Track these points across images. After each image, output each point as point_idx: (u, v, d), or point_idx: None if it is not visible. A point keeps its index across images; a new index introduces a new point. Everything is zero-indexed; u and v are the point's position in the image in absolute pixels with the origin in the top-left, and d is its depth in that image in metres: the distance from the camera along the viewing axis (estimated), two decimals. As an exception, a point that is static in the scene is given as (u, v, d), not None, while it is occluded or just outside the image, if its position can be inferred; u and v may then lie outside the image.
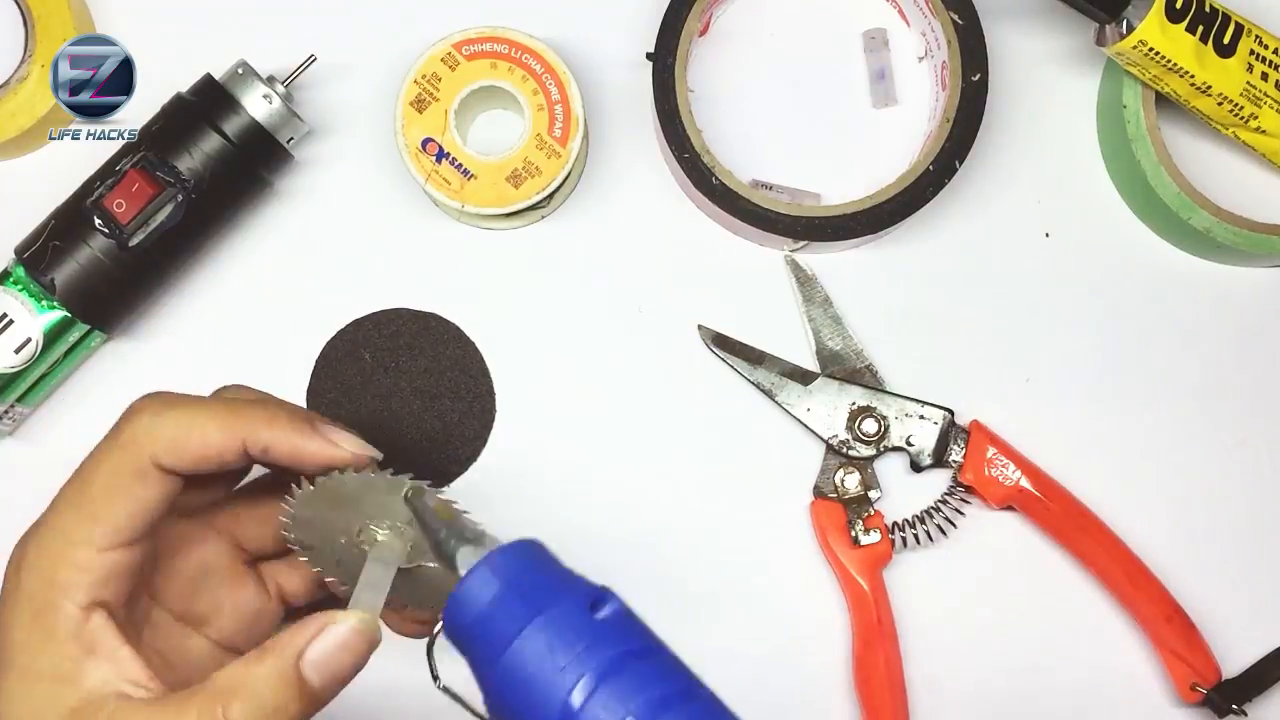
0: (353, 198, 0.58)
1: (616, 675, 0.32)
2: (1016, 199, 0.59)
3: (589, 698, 0.32)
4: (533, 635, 0.33)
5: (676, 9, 0.55)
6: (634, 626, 0.34)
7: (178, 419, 0.41)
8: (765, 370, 0.57)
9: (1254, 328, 0.58)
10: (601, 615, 0.34)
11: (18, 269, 0.54)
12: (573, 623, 0.33)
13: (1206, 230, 0.55)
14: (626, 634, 0.34)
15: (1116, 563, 0.55)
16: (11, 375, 0.54)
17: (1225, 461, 0.57)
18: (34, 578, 0.40)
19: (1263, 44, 0.53)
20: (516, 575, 0.35)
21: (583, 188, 0.59)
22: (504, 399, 0.57)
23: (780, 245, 0.57)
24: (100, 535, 0.40)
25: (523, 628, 0.33)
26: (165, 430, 0.40)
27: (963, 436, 0.56)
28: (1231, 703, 0.54)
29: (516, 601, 0.34)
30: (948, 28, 0.55)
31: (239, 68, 0.54)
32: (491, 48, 0.55)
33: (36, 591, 0.40)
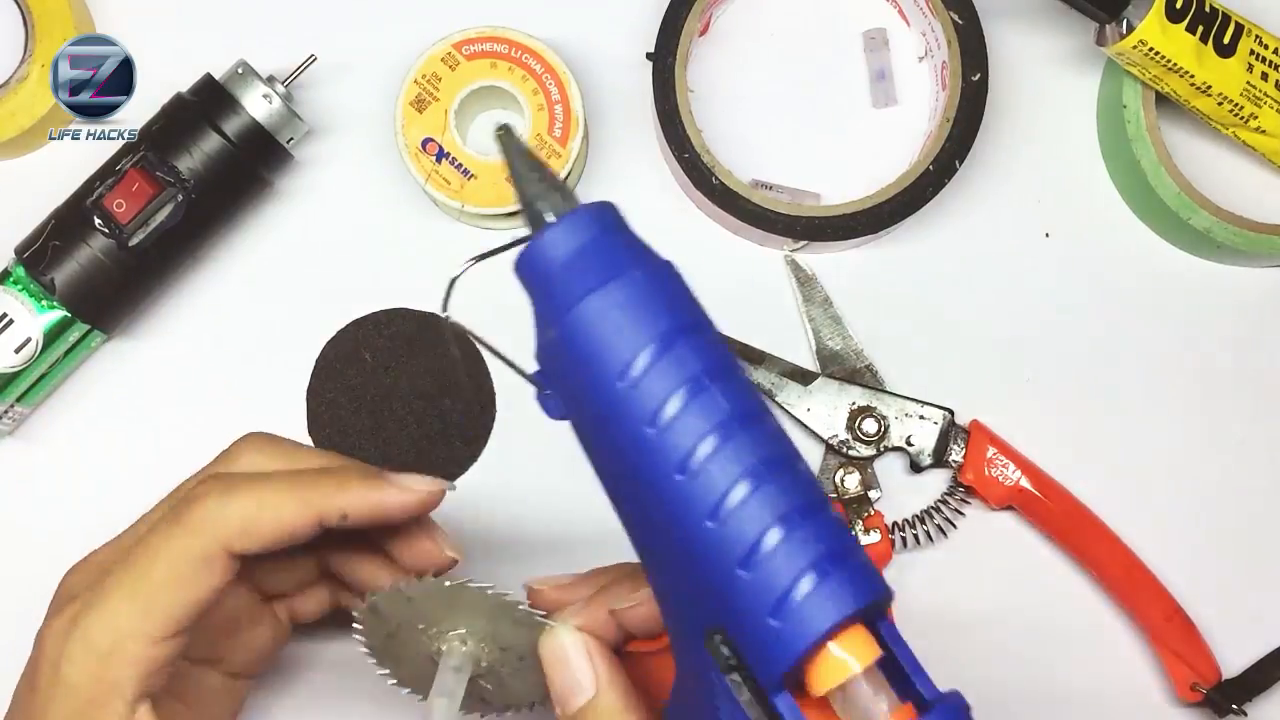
0: (353, 198, 0.58)
1: (685, 338, 0.33)
2: (1016, 199, 0.59)
3: (660, 355, 0.32)
4: (613, 290, 0.33)
5: (676, 9, 0.55)
6: (697, 307, 0.35)
7: (248, 500, 0.39)
8: (765, 370, 0.57)
9: (1254, 328, 0.58)
10: (677, 287, 0.35)
11: (18, 269, 0.54)
12: (657, 287, 0.34)
13: (1206, 230, 0.55)
14: (694, 309, 0.35)
15: (1116, 562, 0.55)
16: (11, 375, 0.54)
17: (1225, 461, 0.57)
18: (79, 673, 0.38)
19: (1263, 44, 0.53)
20: (603, 233, 0.35)
21: (583, 188, 0.59)
22: (504, 399, 0.57)
23: (780, 245, 0.57)
24: (157, 627, 0.38)
25: (606, 280, 0.33)
26: (236, 513, 0.39)
27: (963, 436, 0.56)
28: (1231, 703, 0.54)
29: (603, 256, 0.34)
30: (948, 28, 0.55)
31: (239, 68, 0.54)
32: (491, 48, 0.55)
33: (82, 688, 0.38)
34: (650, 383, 0.32)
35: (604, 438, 0.34)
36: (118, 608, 0.38)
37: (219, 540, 0.39)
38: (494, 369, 0.58)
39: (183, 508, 0.39)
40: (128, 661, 0.38)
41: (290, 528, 0.39)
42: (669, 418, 0.31)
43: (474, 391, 0.57)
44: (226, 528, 0.39)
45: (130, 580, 0.39)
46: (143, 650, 0.38)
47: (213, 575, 0.39)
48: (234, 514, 0.39)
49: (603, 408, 0.33)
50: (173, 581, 0.38)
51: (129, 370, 0.58)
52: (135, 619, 0.38)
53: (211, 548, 0.39)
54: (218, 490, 0.40)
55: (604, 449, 0.35)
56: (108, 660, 0.38)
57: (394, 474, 0.41)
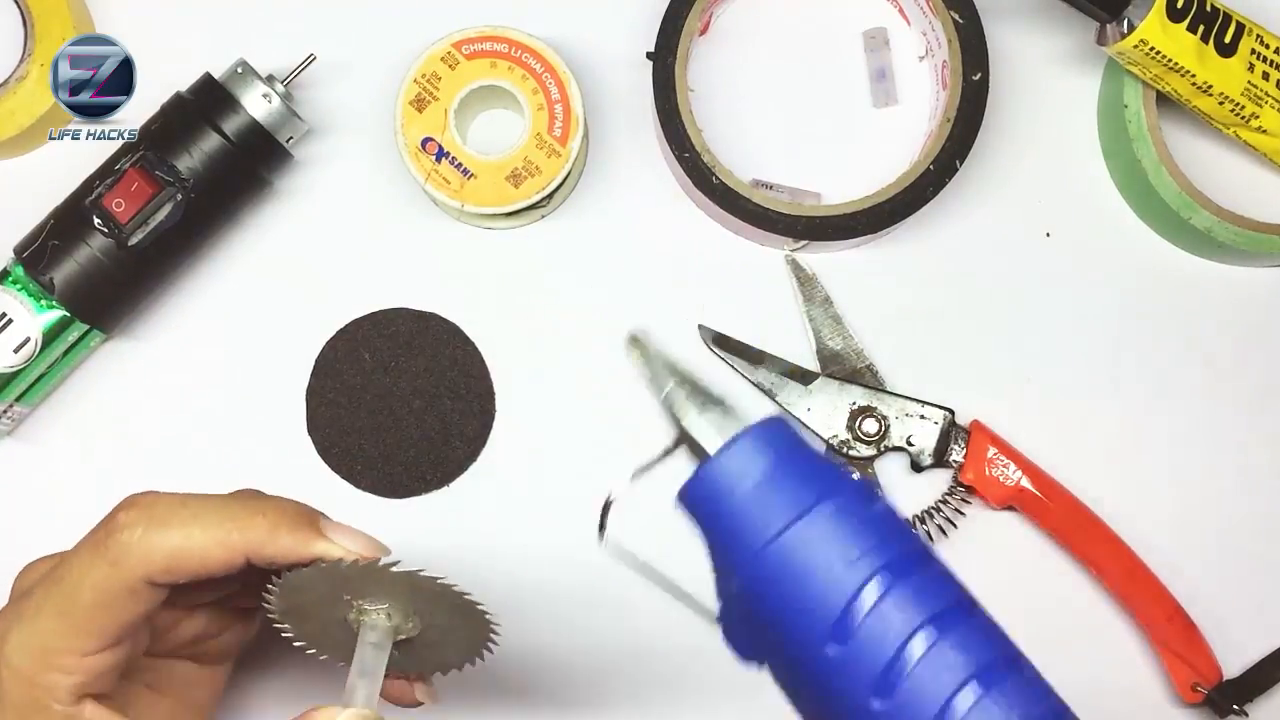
0: (353, 197, 0.58)
1: (908, 576, 0.28)
2: (1016, 199, 0.59)
3: (883, 596, 0.28)
4: (817, 522, 0.28)
5: (676, 9, 0.55)
6: (908, 528, 0.30)
7: (173, 537, 0.39)
8: (765, 370, 0.57)
9: (1254, 328, 0.58)
10: (880, 510, 0.30)
11: (17, 268, 0.54)
12: (859, 513, 0.29)
13: (1207, 230, 0.55)
14: (907, 534, 0.30)
15: (1117, 562, 0.55)
16: (10, 374, 0.54)
17: (1226, 461, 0.57)
18: (16, 681, 0.39)
19: (1264, 43, 0.53)
20: (787, 453, 0.30)
21: (583, 187, 0.59)
22: (504, 399, 0.57)
23: (780, 245, 0.57)
24: (86, 644, 0.39)
25: (803, 513, 0.29)
26: (160, 550, 0.39)
27: (963, 436, 0.56)
28: (1232, 703, 0.54)
29: (793, 482, 0.29)
30: (948, 27, 0.55)
31: (239, 67, 0.54)
32: (491, 47, 0.55)
33: (21, 694, 0.39)
34: (871, 643, 0.27)
35: (812, 700, 0.29)
36: (47, 622, 0.39)
37: (140, 574, 0.39)
38: (494, 369, 0.57)
39: (110, 533, 0.39)
40: (61, 671, 0.39)
41: (215, 568, 0.39)
42: (906, 690, 0.27)
43: (474, 391, 0.57)
44: (148, 564, 0.39)
45: (58, 598, 0.40)
46: (75, 662, 0.39)
47: (137, 603, 0.39)
48: (158, 551, 0.39)
49: (811, 668, 0.28)
50: (98, 608, 0.39)
51: (129, 370, 0.58)
52: (63, 636, 0.39)
53: (133, 580, 0.39)
54: (144, 522, 0.39)
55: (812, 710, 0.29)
56: (39, 668, 0.39)
57: (331, 526, 0.41)
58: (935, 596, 0.28)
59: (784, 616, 0.28)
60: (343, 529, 0.41)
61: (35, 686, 0.39)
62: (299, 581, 0.40)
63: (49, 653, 0.39)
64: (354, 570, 0.39)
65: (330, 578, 0.40)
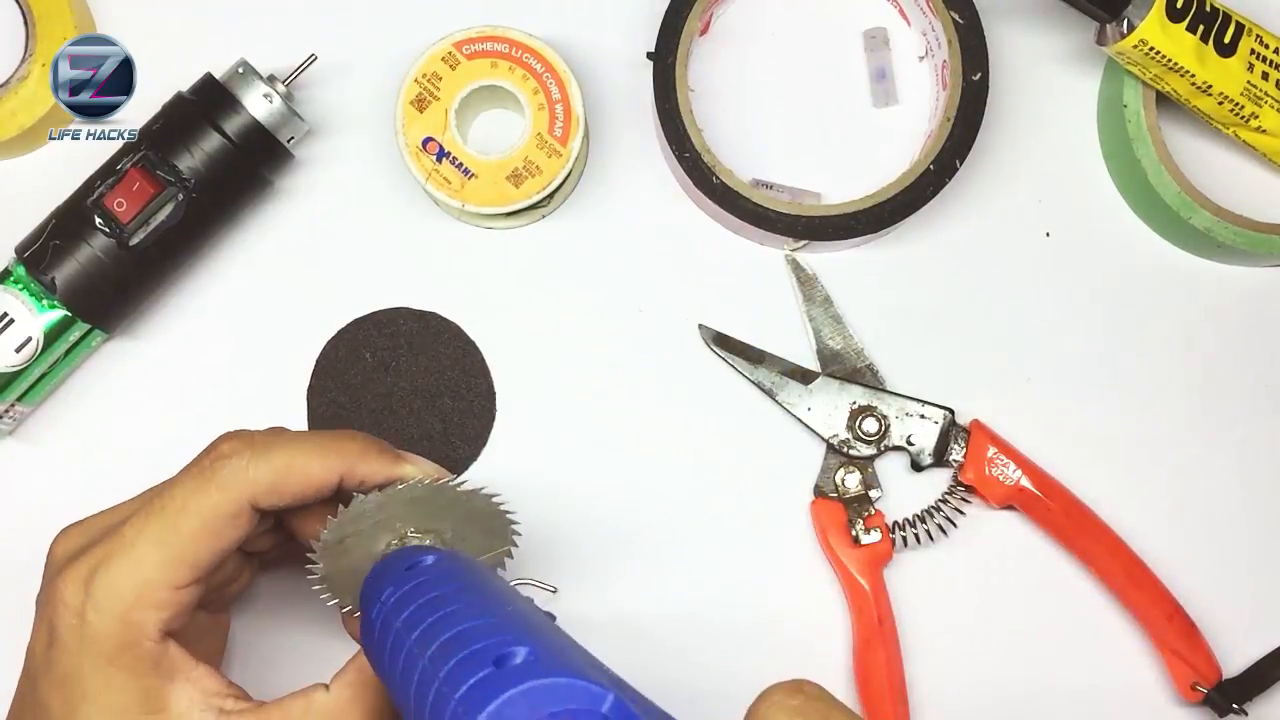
0: (353, 197, 0.58)
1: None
2: (1016, 199, 0.59)
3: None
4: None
5: (677, 9, 0.55)
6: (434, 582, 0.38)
7: (278, 460, 0.41)
8: (765, 370, 0.57)
9: (1254, 328, 0.58)
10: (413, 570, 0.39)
11: (18, 268, 0.54)
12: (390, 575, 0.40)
13: (1206, 230, 0.55)
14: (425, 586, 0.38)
15: (1117, 562, 0.55)
16: (12, 374, 0.54)
17: (1225, 461, 0.57)
18: (107, 619, 0.40)
19: (1263, 43, 0.53)
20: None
21: (583, 187, 0.59)
22: (504, 399, 0.57)
23: (780, 245, 0.57)
24: (182, 575, 0.40)
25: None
26: (266, 472, 0.41)
27: (963, 436, 0.56)
28: (1232, 702, 0.54)
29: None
30: (948, 27, 0.55)
31: (239, 67, 0.54)
32: (492, 47, 0.55)
33: (111, 633, 0.40)
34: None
35: None
36: (144, 555, 0.40)
37: (248, 497, 0.41)
38: (494, 369, 0.58)
39: (214, 461, 0.41)
40: (153, 605, 0.40)
41: (315, 488, 0.42)
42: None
43: (474, 391, 0.57)
44: (256, 485, 0.41)
45: (157, 530, 0.41)
46: (168, 595, 0.40)
47: (238, 529, 0.41)
48: (264, 473, 0.41)
49: None
50: (201, 534, 0.40)
51: (129, 370, 0.58)
52: (161, 567, 0.40)
53: (240, 504, 0.41)
54: (249, 449, 0.42)
55: None
56: (135, 605, 0.40)
57: (404, 453, 0.44)
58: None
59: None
60: (416, 456, 0.44)
61: (128, 625, 0.40)
62: (364, 508, 0.42)
63: (146, 585, 0.40)
64: (424, 491, 0.42)
65: (396, 502, 0.42)
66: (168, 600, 0.40)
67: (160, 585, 0.40)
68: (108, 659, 0.40)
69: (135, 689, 0.40)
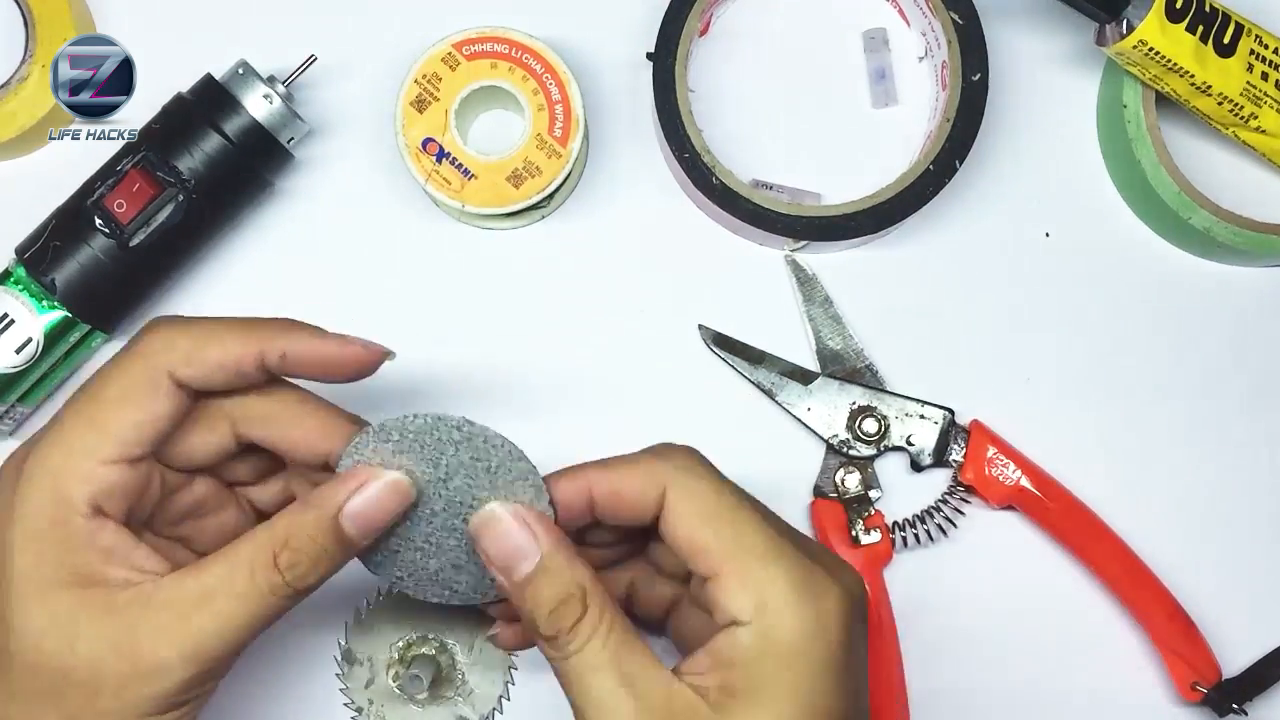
0: (353, 197, 0.58)
1: None
2: (1016, 199, 0.59)
3: None
4: None
5: (676, 9, 0.55)
6: None
7: (196, 331, 0.42)
8: (765, 370, 0.57)
9: (1254, 328, 0.58)
10: None
11: (18, 269, 0.54)
12: None
13: (1206, 230, 0.55)
14: None
15: (1117, 562, 0.55)
16: (12, 375, 0.54)
17: (1225, 461, 0.57)
18: (38, 493, 0.40)
19: (1263, 44, 0.53)
20: None
21: (583, 188, 0.59)
22: (505, 398, 0.57)
23: (780, 245, 0.57)
24: (107, 447, 0.40)
25: None
26: (183, 341, 0.41)
27: (963, 436, 0.56)
28: (1232, 702, 0.54)
29: None
30: (948, 27, 0.55)
31: (239, 68, 0.54)
32: (492, 48, 0.55)
33: (43, 509, 0.40)
34: None
35: None
36: (70, 430, 0.41)
37: (165, 364, 0.41)
38: (495, 368, 0.57)
39: (138, 335, 0.42)
40: (80, 478, 0.40)
41: (234, 359, 0.42)
42: None
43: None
44: (171, 354, 0.41)
45: (83, 402, 0.41)
46: (93, 468, 0.40)
47: (157, 400, 0.41)
48: (181, 342, 0.41)
49: None
50: (121, 403, 0.41)
51: (129, 370, 0.58)
52: (85, 437, 0.40)
53: (156, 371, 0.41)
54: (169, 323, 0.42)
55: None
56: (61, 477, 0.40)
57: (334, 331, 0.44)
58: None
59: None
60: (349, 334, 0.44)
61: (58, 501, 0.40)
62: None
63: (71, 456, 0.40)
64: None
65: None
66: (94, 474, 0.40)
67: (85, 456, 0.40)
68: (37, 534, 0.39)
69: (65, 564, 0.39)
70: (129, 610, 0.39)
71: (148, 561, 0.41)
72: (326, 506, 0.41)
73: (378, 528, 0.42)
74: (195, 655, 0.39)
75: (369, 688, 0.55)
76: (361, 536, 0.41)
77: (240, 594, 0.40)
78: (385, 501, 0.41)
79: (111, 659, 0.39)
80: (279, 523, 0.41)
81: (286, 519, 0.41)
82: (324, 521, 0.41)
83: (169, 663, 0.39)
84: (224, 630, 0.40)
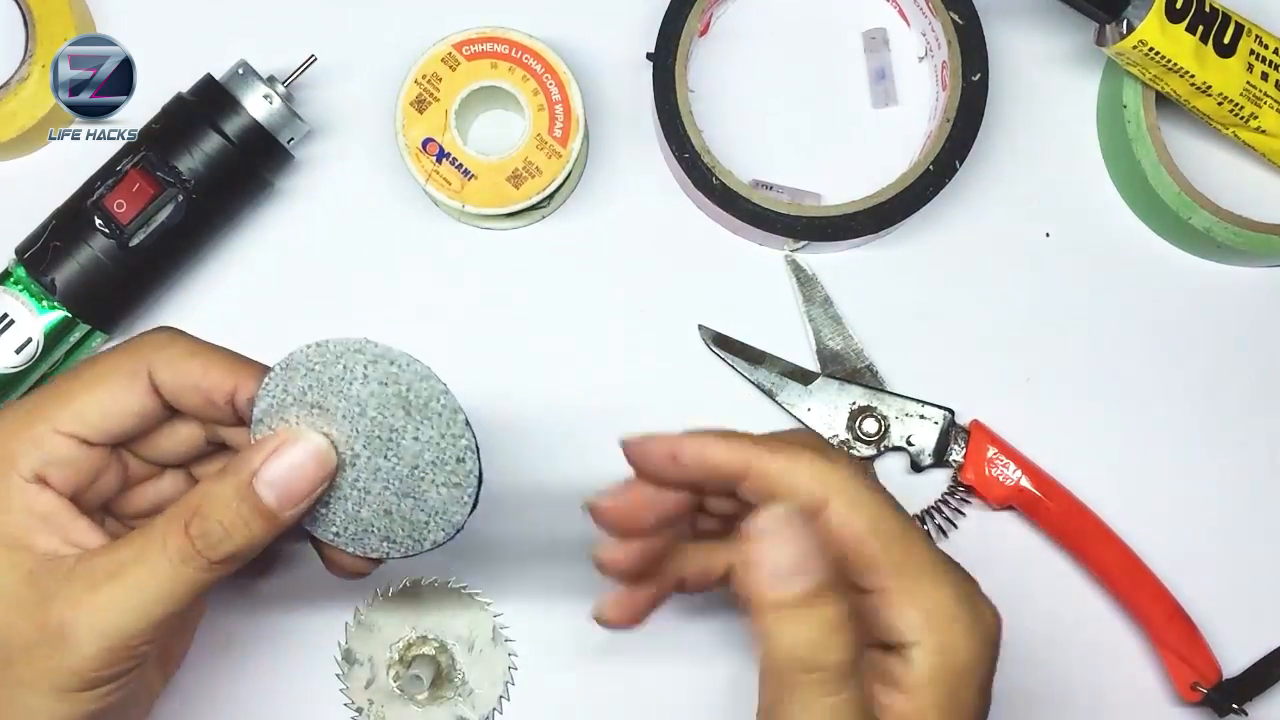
0: (353, 197, 0.58)
1: None
2: (1016, 199, 0.59)
3: None
4: None
5: (676, 9, 0.55)
6: None
7: (189, 345, 0.42)
8: (765, 370, 0.57)
9: (1254, 328, 0.58)
10: None
11: (18, 269, 0.54)
12: None
13: (1206, 230, 0.55)
14: None
15: (1117, 562, 0.55)
16: (12, 375, 0.54)
17: (1225, 461, 0.57)
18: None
19: (1263, 44, 0.53)
20: None
21: (583, 188, 0.59)
22: (505, 398, 0.57)
23: (780, 245, 0.57)
24: (65, 419, 0.40)
25: None
26: (173, 349, 0.42)
27: (963, 436, 0.56)
28: (1232, 702, 0.54)
29: None
30: (948, 27, 0.55)
31: (239, 68, 0.54)
32: (492, 48, 0.55)
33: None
34: None
35: None
36: (38, 397, 0.41)
37: (147, 361, 0.41)
38: (495, 369, 0.58)
39: (135, 336, 0.43)
40: (29, 441, 0.40)
41: (211, 384, 0.42)
42: None
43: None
44: (157, 354, 0.41)
45: (60, 380, 0.42)
46: (45, 434, 0.40)
47: (129, 393, 0.41)
48: (171, 349, 0.42)
49: None
50: (93, 381, 0.41)
51: (129, 370, 0.58)
52: (47, 406, 0.41)
53: (138, 365, 0.41)
54: (168, 331, 0.43)
55: None
56: (10, 436, 0.40)
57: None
58: None
59: None
60: None
61: (2, 458, 0.40)
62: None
63: (27, 420, 0.40)
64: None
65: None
66: (44, 439, 0.40)
67: (41, 421, 0.40)
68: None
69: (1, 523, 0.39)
70: (46, 579, 0.39)
71: (85, 537, 0.40)
72: (241, 473, 0.40)
73: (302, 495, 0.40)
74: (106, 628, 0.38)
75: (369, 688, 0.55)
76: (283, 505, 0.40)
77: (152, 565, 0.39)
78: (306, 468, 0.40)
79: (22, 624, 0.38)
80: (193, 492, 0.40)
81: (201, 488, 0.40)
82: (239, 488, 0.39)
83: (77, 633, 0.38)
84: (136, 603, 0.38)
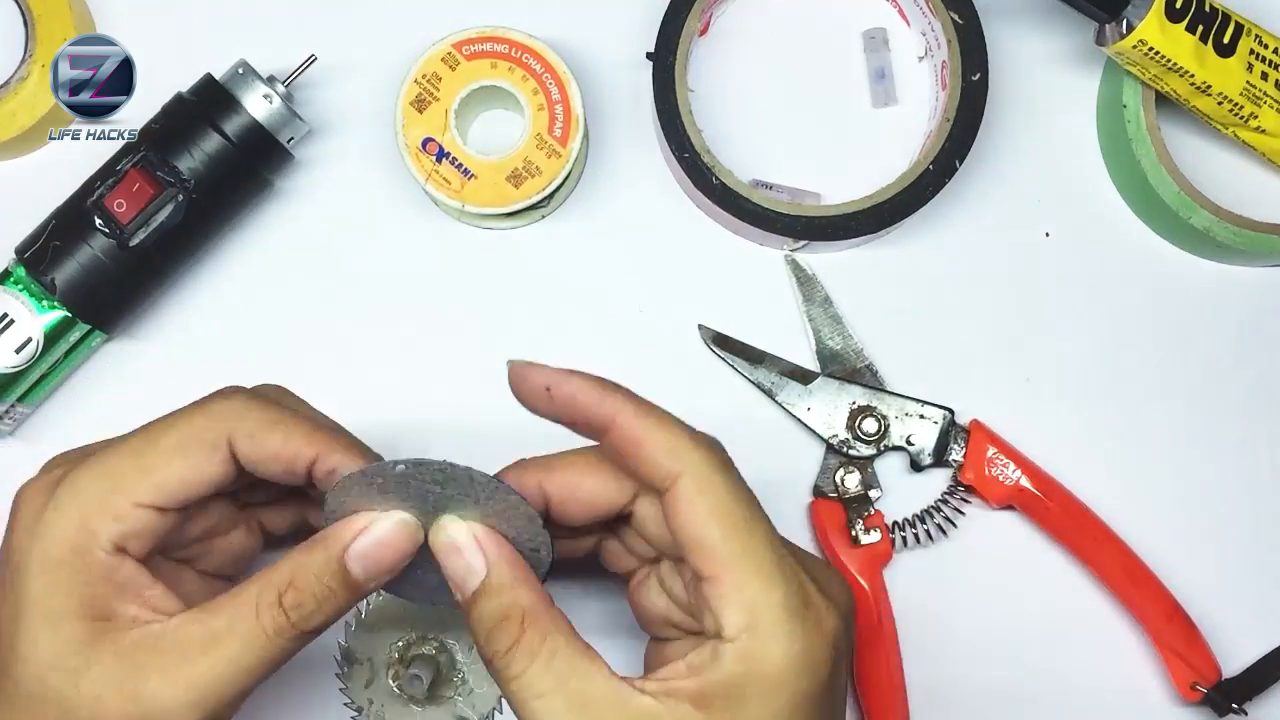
0: (353, 197, 0.58)
1: None
2: (1016, 199, 0.59)
3: None
4: None
5: (676, 9, 0.55)
6: None
7: (268, 412, 0.42)
8: (765, 370, 0.57)
9: (1254, 328, 0.58)
10: None
11: (18, 269, 0.54)
12: None
13: (1206, 230, 0.55)
14: None
15: (1117, 562, 0.55)
16: (12, 375, 0.54)
17: (1225, 461, 0.57)
18: (64, 520, 0.39)
19: (1263, 43, 0.53)
20: None
21: (583, 188, 0.59)
22: (505, 398, 0.57)
23: (780, 245, 0.57)
24: (146, 492, 0.40)
25: None
26: (253, 417, 0.41)
27: (963, 436, 0.56)
28: (1231, 702, 0.54)
29: None
30: (948, 27, 0.55)
31: (239, 68, 0.54)
32: (491, 47, 0.55)
33: (65, 535, 0.39)
34: None
35: None
36: (115, 464, 0.40)
37: (228, 431, 0.41)
38: (494, 369, 0.57)
39: (212, 396, 0.42)
40: (112, 515, 0.40)
41: (290, 455, 0.41)
42: None
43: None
44: (239, 424, 0.41)
45: (136, 443, 0.41)
46: (128, 509, 0.40)
47: (210, 463, 0.41)
48: (252, 418, 0.41)
49: None
50: (174, 450, 0.40)
51: (129, 370, 0.58)
52: (127, 475, 0.40)
53: (219, 434, 0.41)
54: (243, 394, 0.42)
55: None
56: (94, 511, 0.39)
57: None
58: None
59: None
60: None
61: (82, 530, 0.39)
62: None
63: (109, 492, 0.40)
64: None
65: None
66: (127, 514, 0.40)
67: (123, 493, 0.40)
68: (56, 561, 0.39)
69: (78, 595, 0.39)
70: (136, 651, 0.39)
71: (161, 601, 0.40)
72: (332, 547, 0.41)
73: (388, 568, 0.41)
74: (201, 700, 0.39)
75: (369, 688, 0.55)
76: (369, 578, 0.41)
77: (246, 636, 0.39)
78: (396, 541, 0.41)
79: (115, 700, 0.38)
80: (285, 564, 0.41)
81: (292, 560, 0.41)
82: (330, 563, 0.40)
83: (173, 707, 0.39)
84: (229, 674, 0.39)
